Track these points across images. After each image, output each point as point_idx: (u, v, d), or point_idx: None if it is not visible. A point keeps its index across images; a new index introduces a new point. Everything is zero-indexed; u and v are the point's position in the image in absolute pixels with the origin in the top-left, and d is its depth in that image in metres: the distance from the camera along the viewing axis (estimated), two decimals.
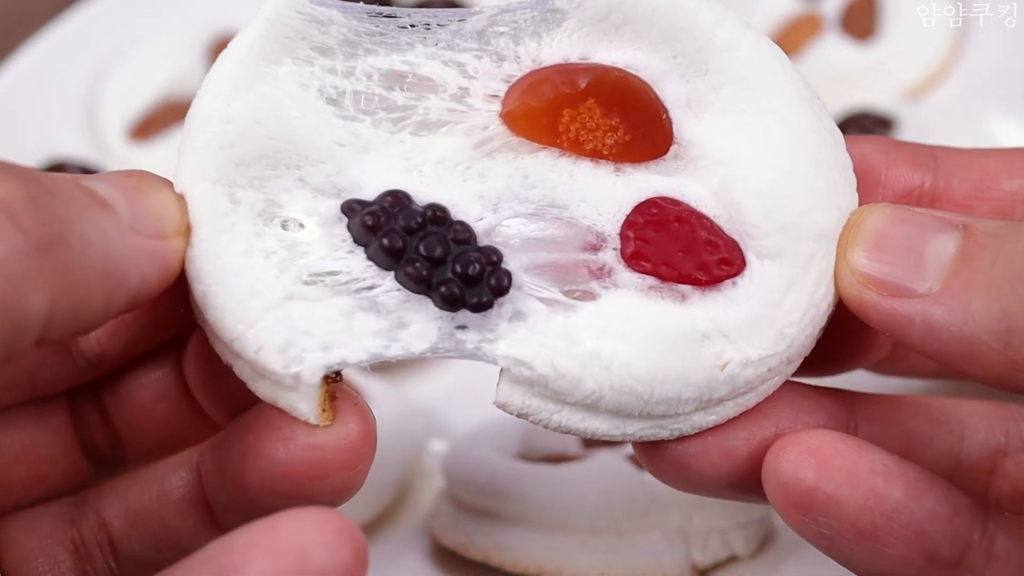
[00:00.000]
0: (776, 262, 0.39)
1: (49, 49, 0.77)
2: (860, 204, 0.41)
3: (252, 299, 0.37)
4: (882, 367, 0.48)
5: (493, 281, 0.38)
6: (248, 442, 0.39)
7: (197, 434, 0.43)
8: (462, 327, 0.38)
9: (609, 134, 0.41)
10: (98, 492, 0.43)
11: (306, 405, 0.38)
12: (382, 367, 0.67)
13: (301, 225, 0.39)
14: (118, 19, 0.80)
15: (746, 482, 0.40)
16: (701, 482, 0.41)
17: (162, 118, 0.74)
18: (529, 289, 0.39)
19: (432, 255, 0.38)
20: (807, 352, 0.40)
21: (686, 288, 0.39)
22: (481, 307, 0.38)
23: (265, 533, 0.33)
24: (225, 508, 0.41)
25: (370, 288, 0.39)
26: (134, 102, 0.75)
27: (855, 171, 0.41)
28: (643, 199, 0.40)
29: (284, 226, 0.39)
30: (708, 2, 0.41)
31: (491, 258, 0.39)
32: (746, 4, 0.78)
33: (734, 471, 0.40)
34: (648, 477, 0.54)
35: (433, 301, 0.38)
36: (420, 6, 0.79)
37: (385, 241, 0.38)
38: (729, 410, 0.40)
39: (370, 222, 0.39)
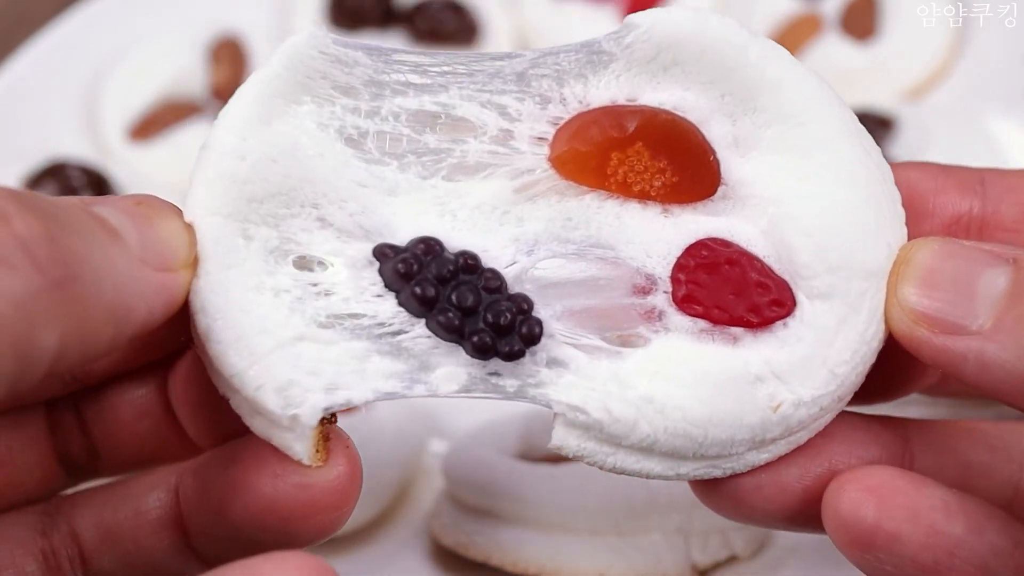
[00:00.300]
0: (827, 302, 0.39)
1: (49, 49, 0.77)
2: (910, 236, 0.40)
3: (260, 336, 0.37)
4: (934, 390, 0.48)
5: (524, 330, 0.39)
6: (235, 473, 0.39)
7: (175, 454, 0.43)
8: (495, 373, 0.39)
9: (657, 176, 0.40)
10: (71, 503, 0.43)
11: (301, 446, 0.38)
12: None
13: (325, 265, 0.39)
14: (118, 19, 0.80)
15: (801, 516, 0.40)
16: (756, 516, 0.41)
17: (162, 118, 0.74)
18: (564, 337, 0.39)
19: (464, 305, 0.38)
20: (858, 387, 0.40)
21: (738, 330, 0.39)
22: (513, 356, 0.38)
23: None
24: (203, 534, 0.41)
25: (396, 333, 0.39)
26: (134, 102, 0.75)
27: (903, 199, 0.41)
28: (693, 241, 0.40)
29: (301, 265, 0.39)
30: (757, 38, 0.41)
31: (522, 307, 0.39)
32: (746, 4, 0.78)
33: (788, 506, 0.40)
34: None
35: (465, 350, 0.39)
36: (419, 7, 0.79)
37: (418, 290, 0.38)
38: (781, 448, 0.40)
39: (403, 269, 0.39)
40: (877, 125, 0.69)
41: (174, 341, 0.40)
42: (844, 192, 0.40)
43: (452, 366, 0.38)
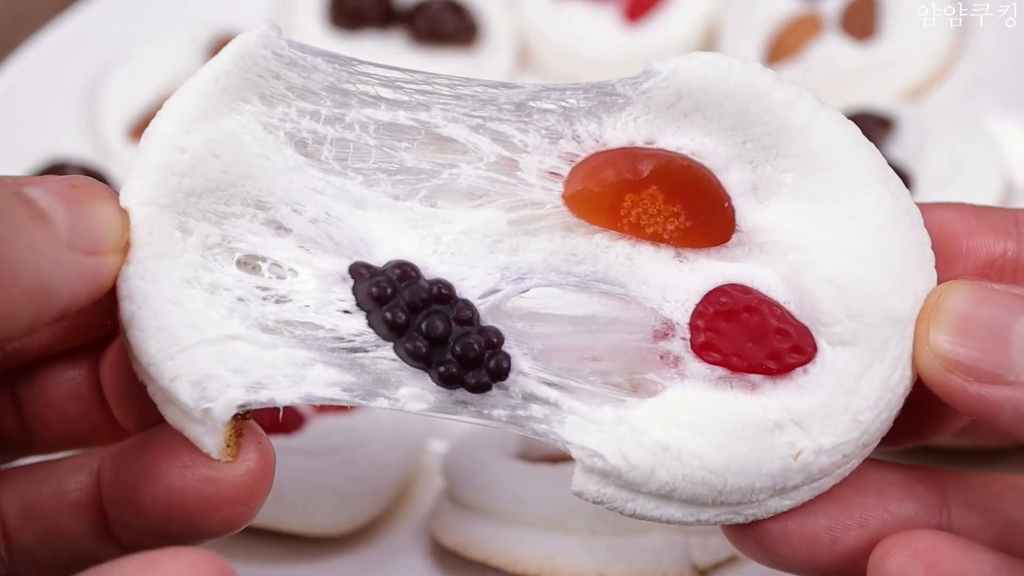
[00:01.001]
0: (849, 348, 0.39)
1: (49, 49, 0.77)
2: (941, 278, 0.40)
3: (186, 329, 0.37)
4: (964, 435, 0.47)
5: (492, 364, 0.39)
6: (147, 461, 0.39)
7: (105, 436, 0.43)
8: (463, 403, 0.39)
9: (671, 220, 0.40)
10: None
11: (211, 440, 0.38)
12: None
13: (285, 271, 0.39)
14: (118, 19, 0.80)
15: (832, 567, 0.40)
16: (785, 564, 0.41)
17: None
18: (543, 376, 0.39)
19: (434, 335, 0.39)
20: (884, 433, 0.40)
21: (757, 377, 0.39)
22: (479, 388, 0.39)
23: (143, 572, 0.33)
24: (118, 519, 0.41)
25: (355, 350, 0.39)
26: (134, 102, 0.75)
27: (934, 241, 0.40)
28: (712, 287, 0.40)
29: (250, 267, 0.39)
30: (781, 82, 0.40)
31: (491, 340, 0.39)
32: (746, 4, 0.78)
33: (818, 556, 0.40)
34: None
35: (431, 377, 0.39)
36: (419, 7, 0.79)
37: (388, 315, 0.39)
38: (805, 494, 0.40)
39: (376, 292, 0.39)
40: (877, 125, 0.69)
41: (105, 324, 0.40)
42: (869, 239, 0.39)
43: (418, 388, 0.39)
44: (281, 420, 0.58)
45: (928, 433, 0.44)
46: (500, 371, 0.39)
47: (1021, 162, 0.68)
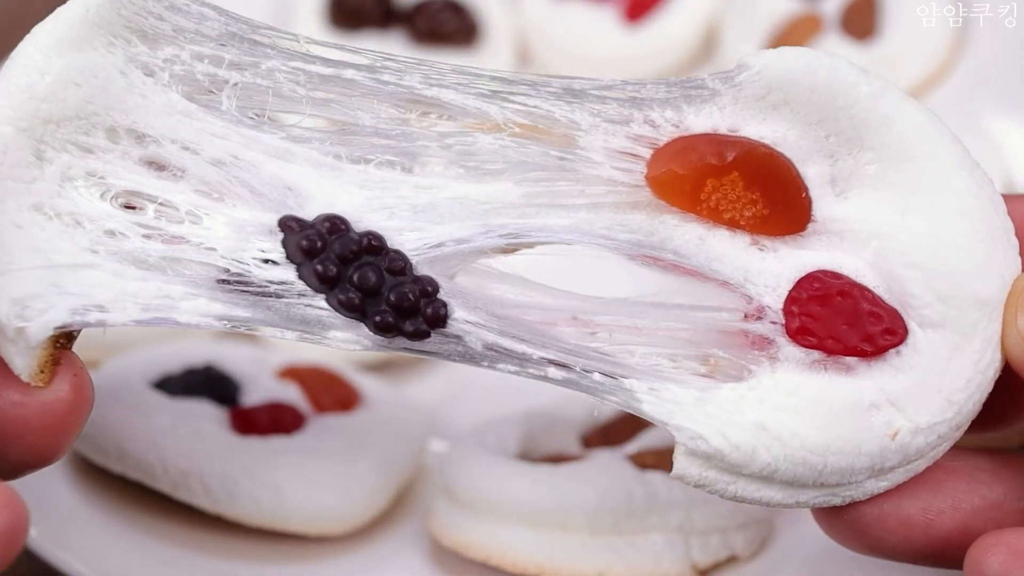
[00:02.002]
0: (939, 331, 0.40)
1: None
2: None
3: (26, 253, 0.37)
4: None
5: (429, 311, 0.39)
6: None
7: None
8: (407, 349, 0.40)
9: (748, 206, 0.41)
10: None
11: (22, 361, 0.38)
12: (382, 367, 0.67)
13: (182, 213, 0.39)
14: None
15: (926, 551, 0.41)
16: (880, 548, 0.41)
17: None
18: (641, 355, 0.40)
19: (366, 286, 0.39)
20: (974, 416, 0.41)
21: (851, 360, 0.40)
22: (418, 335, 0.39)
23: None
24: None
25: (271, 295, 0.39)
26: None
27: (1017, 231, 0.41)
28: (802, 273, 0.41)
29: (124, 204, 0.39)
30: (868, 75, 0.41)
31: (426, 288, 0.39)
32: (746, 4, 0.78)
33: (912, 539, 0.41)
34: (648, 477, 0.54)
35: (367, 327, 0.39)
36: (419, 8, 0.79)
37: (319, 268, 0.39)
38: (899, 476, 0.40)
39: (306, 246, 0.39)
40: None
41: None
42: (954, 224, 0.40)
43: (352, 334, 0.39)
44: (281, 420, 0.58)
45: (1015, 418, 0.44)
46: (438, 318, 0.39)
47: (1021, 162, 0.68)
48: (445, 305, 0.39)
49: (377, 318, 0.39)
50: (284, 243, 0.39)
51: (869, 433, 0.39)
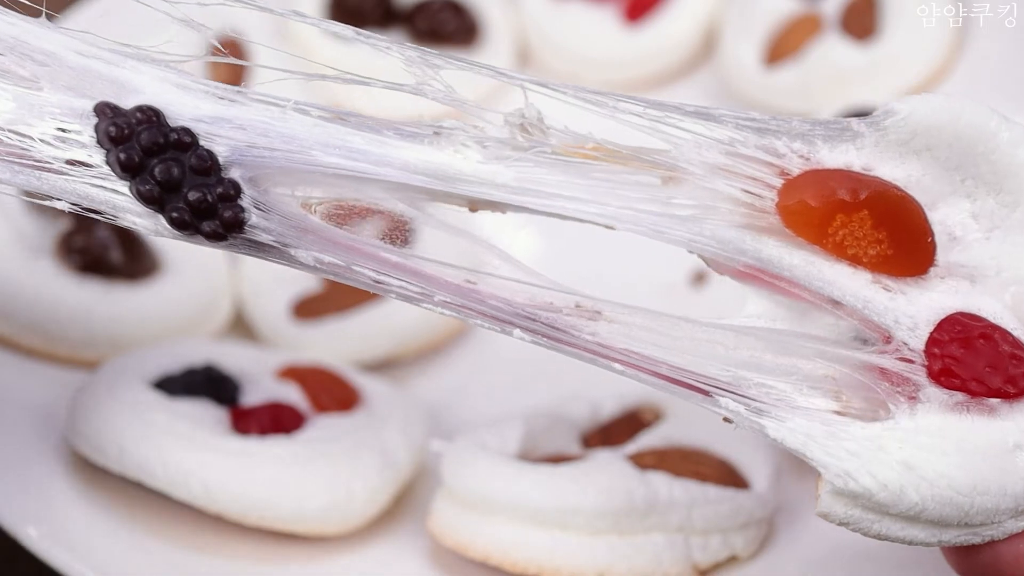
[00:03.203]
0: None
1: None
2: None
3: None
4: None
5: (228, 215, 0.39)
6: None
7: None
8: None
9: (873, 245, 0.41)
10: None
11: None
12: (382, 367, 0.67)
13: None
14: (119, 19, 0.80)
15: None
16: None
17: None
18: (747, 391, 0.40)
19: (165, 179, 0.39)
20: None
21: (994, 401, 0.40)
22: (216, 237, 0.40)
23: None
24: None
25: (53, 171, 0.40)
26: None
27: None
28: (940, 315, 0.41)
29: None
30: (1008, 122, 0.41)
31: (228, 193, 0.40)
32: (746, 4, 0.78)
33: None
34: (648, 477, 0.54)
35: (164, 220, 0.40)
36: (419, 7, 0.79)
37: (122, 156, 0.39)
38: None
39: (113, 132, 0.39)
40: None
41: None
42: None
43: (151, 222, 0.40)
44: (281, 420, 0.58)
45: None
46: (235, 222, 0.40)
47: None
48: (244, 210, 0.40)
49: (174, 214, 0.39)
50: (96, 128, 0.40)
51: (1014, 475, 0.40)
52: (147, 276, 0.66)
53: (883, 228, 0.41)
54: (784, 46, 0.76)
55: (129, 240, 0.66)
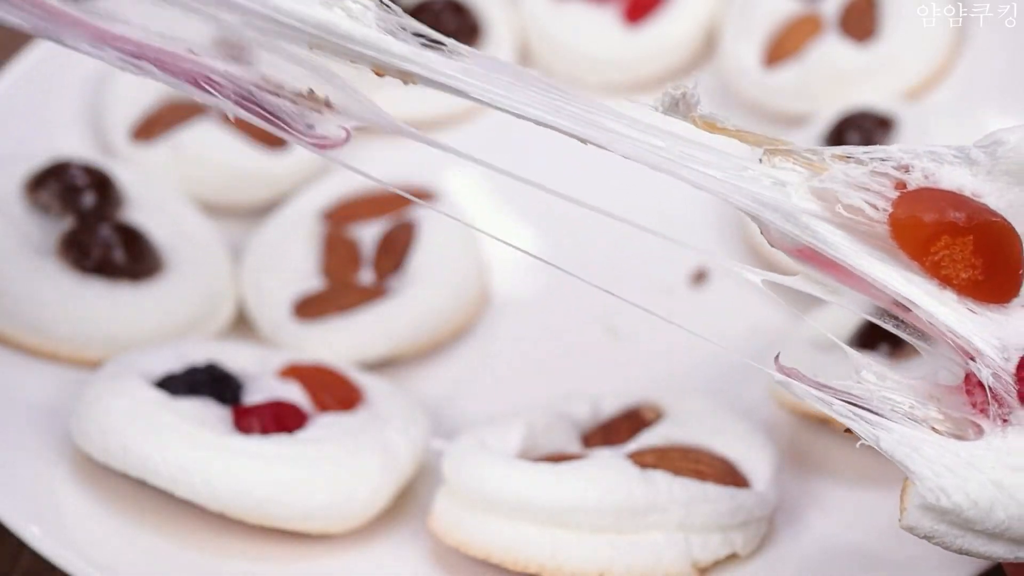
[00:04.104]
0: None
1: (52, 49, 0.77)
2: None
3: None
4: None
5: None
6: None
7: None
8: None
9: (967, 269, 0.42)
10: None
11: None
12: (383, 366, 0.67)
13: None
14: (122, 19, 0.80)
15: None
16: None
17: (165, 118, 0.74)
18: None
19: None
20: None
21: None
22: None
23: None
24: None
25: None
26: (138, 102, 0.75)
27: None
28: None
29: None
30: None
31: None
32: (746, 4, 0.78)
33: None
34: (649, 476, 0.54)
35: None
36: (420, 7, 0.79)
37: None
38: None
39: None
40: (877, 125, 0.69)
41: None
42: None
43: None
44: (283, 419, 0.58)
45: None
46: None
47: None
48: None
49: None
50: None
51: None
52: (150, 276, 0.66)
53: (981, 255, 0.42)
54: (784, 46, 0.76)
55: (132, 240, 0.66)
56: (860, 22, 0.74)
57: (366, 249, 0.70)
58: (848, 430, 0.41)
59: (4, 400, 0.62)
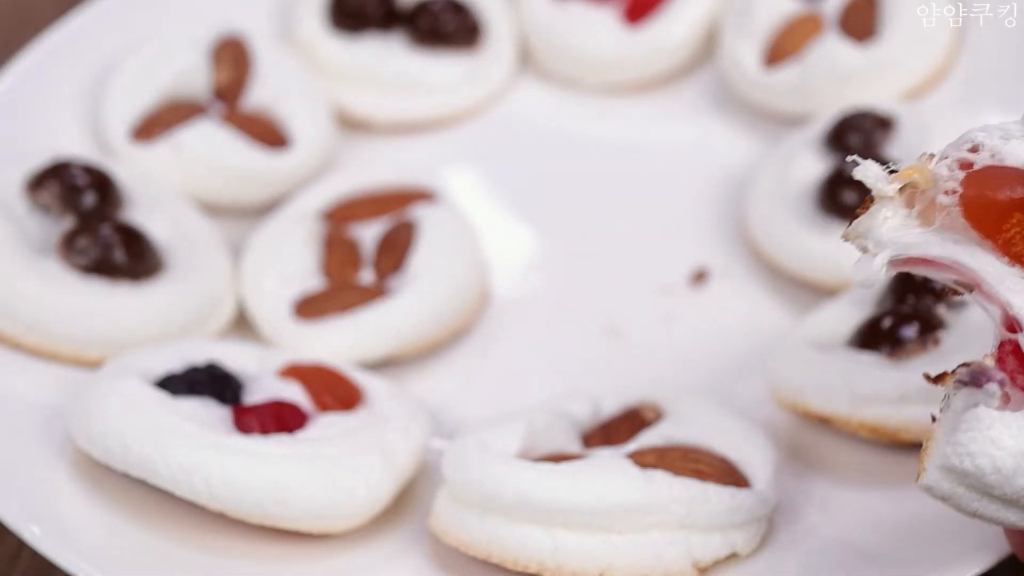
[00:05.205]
0: None
1: (52, 49, 0.77)
2: None
3: None
4: None
5: None
6: None
7: None
8: None
9: None
10: None
11: None
12: (384, 366, 0.67)
13: None
14: (121, 20, 0.80)
15: None
16: None
17: (164, 118, 0.74)
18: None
19: None
20: None
21: None
22: None
23: None
24: None
25: None
26: (137, 102, 0.75)
27: None
28: None
29: None
30: None
31: None
32: (746, 4, 0.78)
33: None
34: (649, 475, 0.54)
35: None
36: (420, 7, 0.80)
37: None
38: None
39: None
40: (877, 125, 0.69)
41: None
42: None
43: None
44: (284, 418, 0.58)
45: None
46: None
47: None
48: None
49: None
50: None
51: None
52: (150, 276, 0.66)
53: None
54: (784, 46, 0.76)
55: (132, 240, 0.66)
56: (860, 22, 0.74)
57: (366, 249, 0.70)
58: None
59: (4, 400, 0.62)
